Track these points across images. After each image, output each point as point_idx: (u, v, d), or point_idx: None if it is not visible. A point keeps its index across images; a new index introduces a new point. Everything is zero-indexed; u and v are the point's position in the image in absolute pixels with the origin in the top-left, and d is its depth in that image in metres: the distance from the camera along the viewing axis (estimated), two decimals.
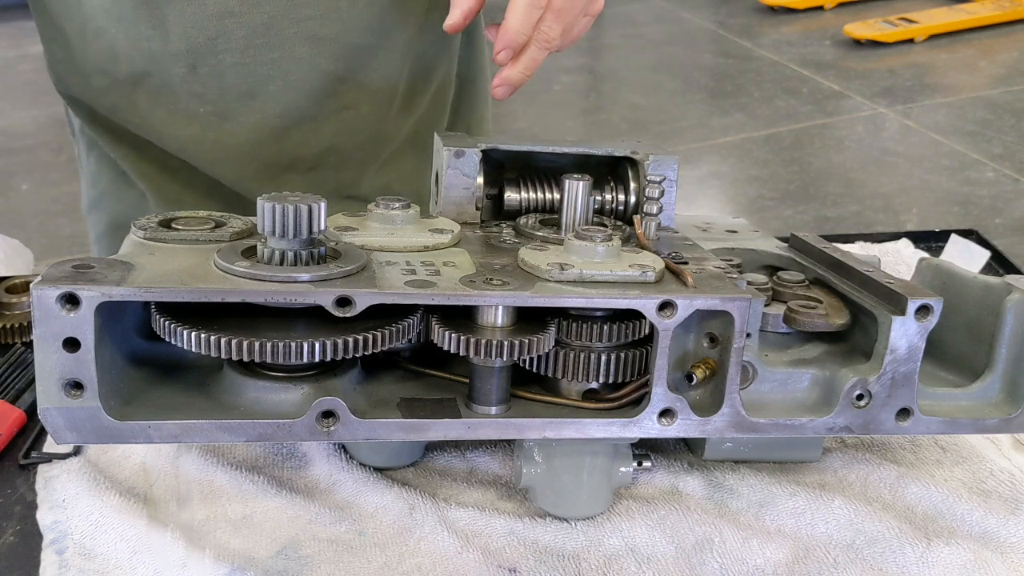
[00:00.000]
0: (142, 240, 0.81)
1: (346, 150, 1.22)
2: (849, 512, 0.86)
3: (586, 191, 0.89)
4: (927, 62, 5.55)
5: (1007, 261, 1.35)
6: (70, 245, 3.60)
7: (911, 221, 3.77)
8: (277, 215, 0.72)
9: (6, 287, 1.12)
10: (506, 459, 0.92)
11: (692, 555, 0.81)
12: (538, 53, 1.01)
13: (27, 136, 4.64)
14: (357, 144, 1.23)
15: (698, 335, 0.81)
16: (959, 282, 0.91)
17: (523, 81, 1.02)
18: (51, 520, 0.83)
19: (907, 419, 0.83)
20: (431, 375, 0.84)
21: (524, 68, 1.01)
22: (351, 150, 1.23)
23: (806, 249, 0.99)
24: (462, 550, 0.80)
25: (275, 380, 0.77)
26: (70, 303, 0.67)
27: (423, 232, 0.86)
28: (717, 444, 0.90)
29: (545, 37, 1.00)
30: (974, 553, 0.82)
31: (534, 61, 1.01)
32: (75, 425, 0.70)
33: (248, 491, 0.85)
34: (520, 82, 1.02)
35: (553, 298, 0.75)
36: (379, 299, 0.72)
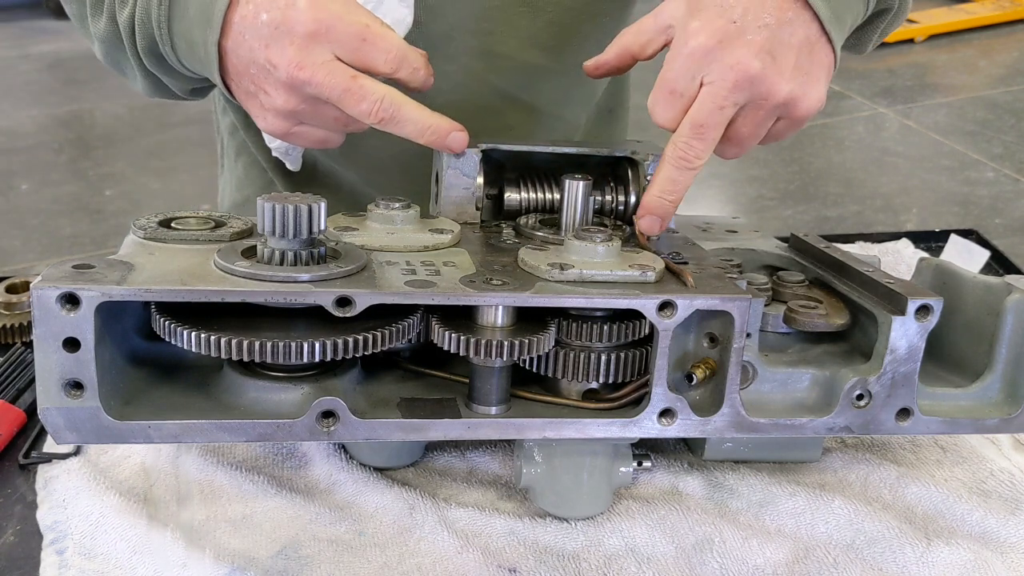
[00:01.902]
0: (142, 240, 0.81)
1: None
2: (849, 512, 0.86)
3: (586, 191, 0.89)
4: (927, 62, 5.55)
5: (1007, 261, 1.35)
6: (70, 245, 3.60)
7: (911, 221, 3.77)
8: (277, 215, 0.72)
9: (6, 287, 1.12)
10: (506, 459, 0.92)
11: (692, 555, 0.81)
12: (677, 174, 0.83)
13: (27, 136, 4.64)
14: None
15: (698, 335, 0.81)
16: (959, 282, 0.91)
17: (663, 207, 0.85)
18: (51, 520, 0.83)
19: (907, 419, 0.83)
20: (431, 375, 0.84)
21: (659, 191, 0.84)
22: None
23: (806, 249, 0.99)
24: (462, 550, 0.80)
25: (275, 380, 0.77)
26: (70, 303, 0.67)
27: (423, 232, 0.86)
28: (717, 444, 0.90)
29: (682, 156, 0.83)
30: (974, 553, 0.82)
31: (672, 182, 0.84)
32: (75, 425, 0.70)
33: (248, 491, 0.85)
34: (659, 208, 0.85)
35: (553, 298, 0.75)
36: (379, 299, 0.72)
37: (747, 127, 0.85)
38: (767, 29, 0.81)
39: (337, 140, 0.93)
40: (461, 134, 0.88)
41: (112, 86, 5.14)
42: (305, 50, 0.81)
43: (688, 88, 0.82)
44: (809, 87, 0.84)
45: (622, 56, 0.92)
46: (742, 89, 0.81)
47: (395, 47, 0.84)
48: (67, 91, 5.23)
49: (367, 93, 0.83)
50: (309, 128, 0.90)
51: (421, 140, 0.87)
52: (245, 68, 0.86)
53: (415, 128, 0.86)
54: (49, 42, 5.97)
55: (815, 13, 0.83)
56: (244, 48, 0.84)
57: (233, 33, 0.84)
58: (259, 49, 0.83)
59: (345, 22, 0.82)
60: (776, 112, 0.85)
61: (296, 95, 0.84)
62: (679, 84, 0.82)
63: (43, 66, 5.66)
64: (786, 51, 0.82)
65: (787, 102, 0.83)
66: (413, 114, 0.85)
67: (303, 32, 0.81)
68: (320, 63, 0.82)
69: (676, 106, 0.83)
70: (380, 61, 0.84)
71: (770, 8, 0.82)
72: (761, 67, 0.81)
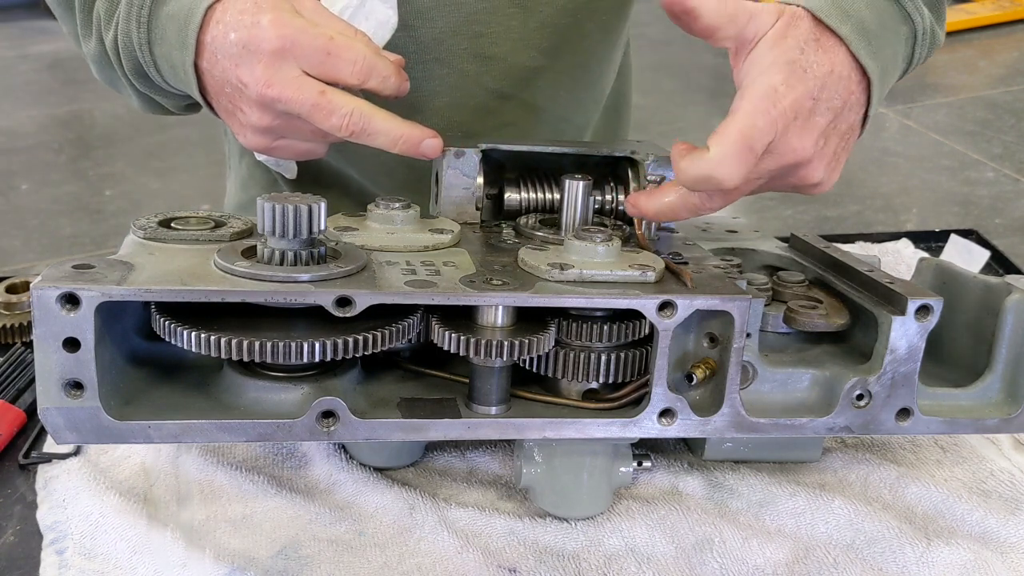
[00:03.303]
0: (142, 240, 0.81)
1: None
2: (849, 512, 0.86)
3: (586, 191, 0.89)
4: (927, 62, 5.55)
5: (1007, 261, 1.35)
6: (70, 245, 3.60)
7: (911, 221, 3.77)
8: (277, 215, 0.72)
9: (6, 287, 1.12)
10: (506, 459, 0.92)
11: (692, 555, 0.81)
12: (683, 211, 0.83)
13: (27, 136, 4.64)
14: None
15: (698, 335, 0.81)
16: (959, 282, 0.91)
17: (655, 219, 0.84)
18: (51, 520, 0.83)
19: (907, 419, 0.83)
20: (431, 375, 0.84)
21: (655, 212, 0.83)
22: None
23: (806, 249, 0.99)
24: (462, 550, 0.80)
25: (275, 380, 0.77)
26: (70, 303, 0.67)
27: (423, 232, 0.86)
28: (717, 444, 0.90)
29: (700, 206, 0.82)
30: (974, 553, 0.82)
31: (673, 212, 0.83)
32: (75, 425, 0.70)
33: (248, 491, 0.85)
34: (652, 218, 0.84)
35: (553, 298, 0.75)
36: (379, 299, 0.72)
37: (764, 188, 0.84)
38: (832, 112, 0.79)
39: (320, 151, 0.93)
40: (435, 141, 0.88)
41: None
42: (272, 67, 0.82)
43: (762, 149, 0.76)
44: (834, 173, 0.84)
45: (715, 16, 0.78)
46: (785, 170, 0.80)
47: (361, 57, 0.84)
48: (67, 91, 5.23)
49: (336, 107, 0.83)
50: (289, 142, 0.90)
51: (394, 150, 0.87)
52: (220, 88, 0.87)
53: (387, 139, 0.86)
54: (48, 42, 5.97)
55: (869, 97, 0.82)
56: (218, 68, 0.85)
57: (207, 54, 0.85)
58: (230, 69, 0.84)
59: (309, 36, 0.82)
60: (796, 188, 0.84)
61: (269, 112, 0.85)
62: (757, 144, 0.75)
63: (42, 66, 5.66)
64: (835, 138, 0.81)
65: (811, 185, 0.83)
66: (384, 125, 0.85)
67: (269, 50, 0.81)
68: (288, 79, 0.82)
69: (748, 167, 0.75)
70: (347, 72, 0.84)
71: (842, 91, 0.79)
72: (812, 154, 0.79)
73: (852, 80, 0.81)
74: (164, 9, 0.87)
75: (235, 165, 1.38)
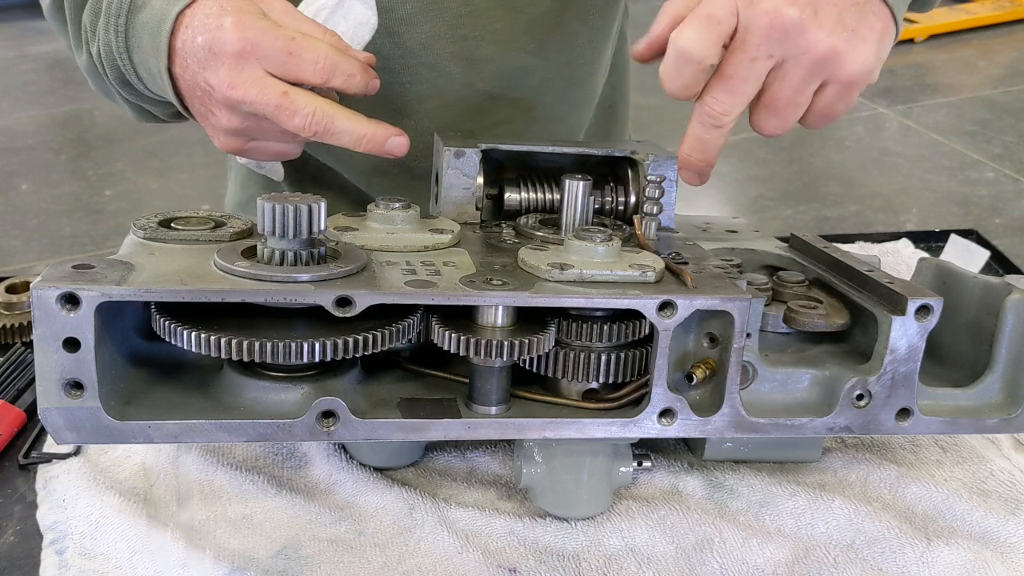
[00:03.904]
0: (142, 240, 0.81)
1: None
2: (849, 512, 0.86)
3: (586, 191, 0.89)
4: (927, 62, 5.55)
5: (1007, 261, 1.35)
6: (70, 245, 3.60)
7: (911, 221, 3.77)
8: (277, 215, 0.72)
9: (6, 287, 1.12)
10: (506, 459, 0.92)
11: (692, 555, 0.81)
12: (704, 132, 0.78)
13: (27, 136, 4.64)
14: None
15: (698, 335, 0.81)
16: (959, 282, 0.91)
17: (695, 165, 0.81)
18: (51, 520, 0.83)
19: (907, 419, 0.83)
20: (431, 375, 0.84)
21: (689, 149, 0.80)
22: None
23: (806, 249, 0.99)
24: (462, 550, 0.80)
25: (275, 380, 0.77)
26: (70, 303, 0.67)
27: (423, 232, 0.86)
28: (717, 444, 0.90)
29: (708, 111, 0.78)
30: (974, 553, 0.82)
31: (700, 141, 0.79)
32: (75, 425, 0.70)
33: (248, 491, 0.85)
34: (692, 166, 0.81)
35: (553, 298, 0.75)
36: (379, 299, 0.72)
37: (786, 90, 0.78)
38: None
39: (294, 151, 0.94)
40: (400, 139, 0.88)
41: None
42: (236, 69, 0.83)
43: (728, 20, 0.74)
44: (855, 44, 0.75)
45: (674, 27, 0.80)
46: (776, 40, 0.74)
47: (323, 56, 0.84)
48: (66, 91, 5.23)
49: (298, 107, 0.83)
50: (261, 143, 0.91)
51: (359, 149, 0.87)
52: (192, 92, 0.88)
53: (351, 138, 0.86)
54: (48, 42, 5.97)
55: None
56: (188, 72, 0.86)
57: (178, 59, 0.86)
58: (199, 72, 0.85)
59: (271, 37, 0.83)
60: (818, 72, 0.76)
61: (236, 114, 0.86)
62: (718, 11, 0.73)
63: (42, 66, 5.66)
64: (829, 5, 0.74)
65: (828, 57, 0.75)
66: (346, 124, 0.85)
67: (231, 52, 0.82)
68: (251, 81, 0.83)
69: (713, 33, 0.73)
70: (309, 72, 0.84)
71: None
72: (799, 16, 0.73)
73: None
74: (139, 17, 0.88)
75: (235, 164, 1.38)
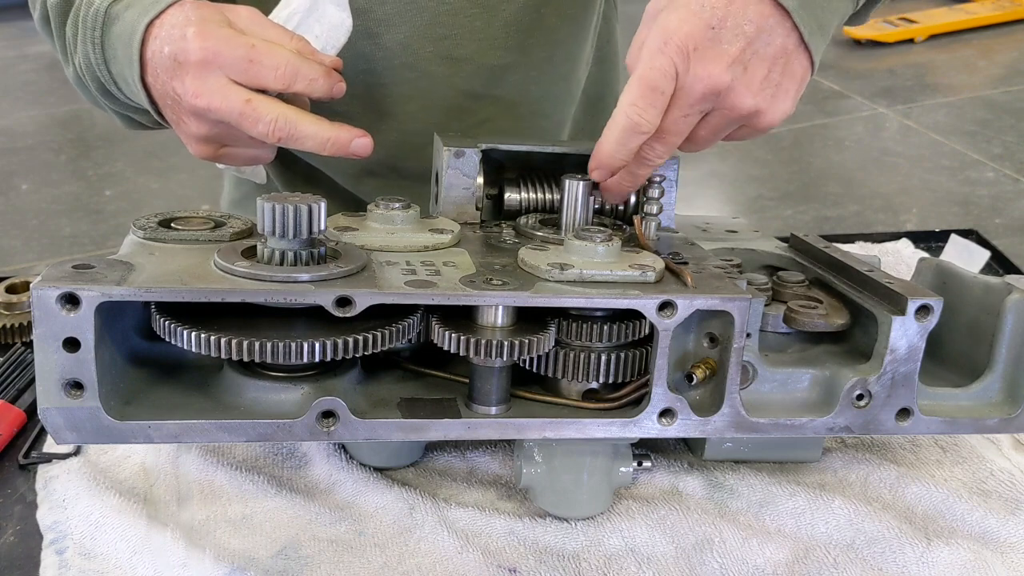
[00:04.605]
0: (142, 240, 0.81)
1: None
2: (849, 512, 0.86)
3: (586, 191, 0.89)
4: (927, 62, 5.55)
5: (1007, 261, 1.35)
6: (70, 245, 3.60)
7: (911, 221, 3.77)
8: (277, 215, 0.72)
9: (6, 287, 1.12)
10: (506, 459, 0.92)
11: (692, 555, 0.81)
12: (640, 170, 0.86)
13: (27, 136, 4.64)
14: None
15: (698, 335, 0.81)
16: (959, 282, 0.91)
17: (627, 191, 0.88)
18: (51, 520, 0.83)
19: (907, 419, 0.83)
20: (431, 375, 0.84)
21: (626, 182, 0.87)
22: None
23: (806, 249, 0.99)
24: (462, 550, 0.80)
25: (275, 380, 0.77)
26: (70, 303, 0.67)
27: (423, 232, 0.86)
28: (717, 444, 0.90)
29: (647, 158, 0.84)
30: (974, 553, 0.82)
31: (637, 176, 0.86)
32: (75, 425, 0.70)
33: (248, 491, 0.85)
34: (622, 191, 0.88)
35: (553, 298, 0.75)
36: (379, 299, 0.72)
37: (706, 131, 0.85)
38: (744, 38, 0.79)
39: (266, 156, 0.95)
40: (364, 140, 0.89)
41: None
42: (199, 78, 0.84)
43: (668, 88, 0.79)
44: (776, 101, 0.82)
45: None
46: (708, 100, 0.80)
47: (283, 63, 0.85)
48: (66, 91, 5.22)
49: (261, 114, 0.84)
50: (233, 149, 0.92)
51: (324, 152, 0.88)
52: (164, 100, 0.89)
53: (315, 142, 0.87)
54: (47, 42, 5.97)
55: (795, 23, 0.81)
56: (159, 82, 0.87)
57: (149, 69, 0.87)
58: (167, 81, 0.86)
59: (232, 45, 0.84)
60: (739, 122, 0.84)
61: (204, 122, 0.87)
62: (660, 82, 0.79)
63: (42, 66, 5.66)
64: (759, 63, 0.80)
65: (752, 114, 0.82)
66: (310, 129, 0.86)
67: (194, 60, 0.83)
68: (214, 89, 0.84)
69: (658, 106, 0.80)
70: (270, 79, 0.85)
71: (751, 15, 0.79)
72: (731, 80, 0.79)
73: (764, 4, 0.80)
74: (113, 29, 0.89)
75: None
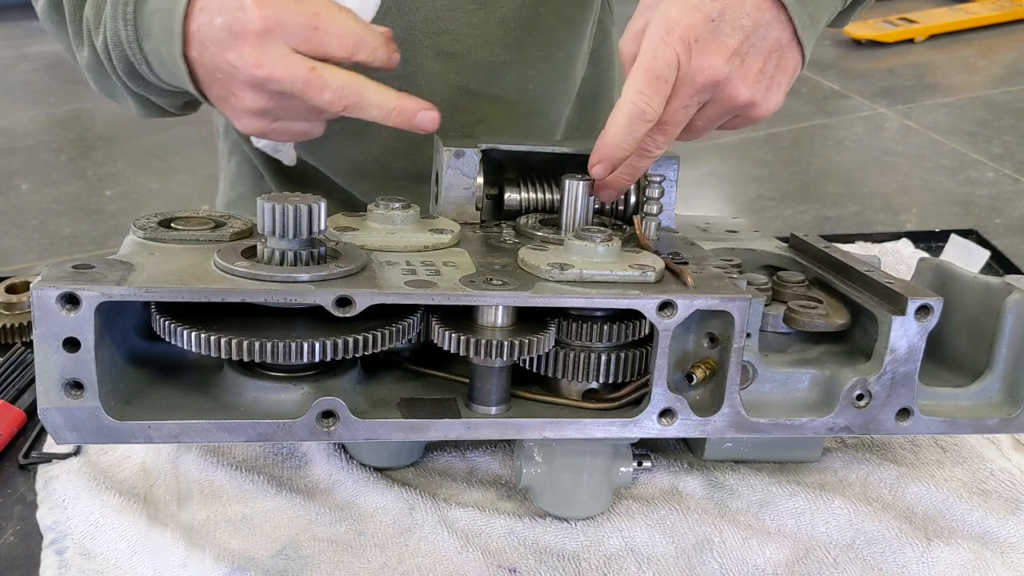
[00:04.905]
0: (142, 240, 0.81)
1: None
2: (849, 512, 0.86)
3: (586, 191, 0.89)
4: (927, 62, 5.55)
5: (1007, 261, 1.35)
6: (70, 245, 3.60)
7: (911, 221, 3.77)
8: (277, 215, 0.72)
9: (6, 287, 1.12)
10: (506, 459, 0.92)
11: (692, 555, 0.81)
12: (640, 163, 0.87)
13: (27, 136, 4.64)
14: None
15: (698, 335, 0.81)
16: (959, 282, 0.91)
17: (625, 185, 0.90)
18: (51, 520, 0.83)
19: (907, 419, 0.83)
20: (431, 375, 0.84)
21: (625, 175, 0.88)
22: None
23: (806, 249, 0.99)
24: (462, 550, 0.80)
25: (275, 380, 0.77)
26: (70, 303, 0.67)
27: (423, 232, 0.86)
28: (717, 444, 0.90)
29: (647, 149, 0.86)
30: (974, 553, 0.82)
31: (636, 169, 0.88)
32: (75, 425, 0.70)
33: (248, 491, 0.85)
34: (621, 186, 0.90)
35: (553, 298, 0.75)
36: (379, 299, 0.72)
37: (703, 120, 0.87)
38: (742, 32, 0.81)
39: (317, 130, 0.93)
40: (431, 113, 0.87)
41: None
42: (260, 48, 0.81)
43: (671, 76, 0.81)
44: (770, 93, 0.85)
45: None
46: (707, 91, 0.82)
47: (349, 30, 0.84)
48: (66, 91, 5.23)
49: (327, 82, 0.82)
50: (285, 123, 0.90)
51: (389, 122, 0.86)
52: (212, 75, 0.86)
53: (380, 111, 0.85)
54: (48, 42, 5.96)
55: (790, 17, 0.83)
56: (207, 55, 0.85)
57: (194, 43, 0.85)
58: (219, 54, 0.84)
59: (293, 13, 0.82)
60: (734, 112, 0.86)
61: (262, 93, 0.84)
62: (663, 70, 0.80)
63: (42, 66, 5.66)
64: (755, 56, 0.83)
65: (746, 105, 0.84)
66: (376, 97, 0.84)
67: (254, 30, 0.81)
68: (277, 58, 0.82)
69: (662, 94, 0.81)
70: (335, 46, 0.83)
71: (749, 9, 0.81)
72: (728, 72, 0.81)
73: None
74: (148, 5, 0.88)
75: (224, 164, 1.39)
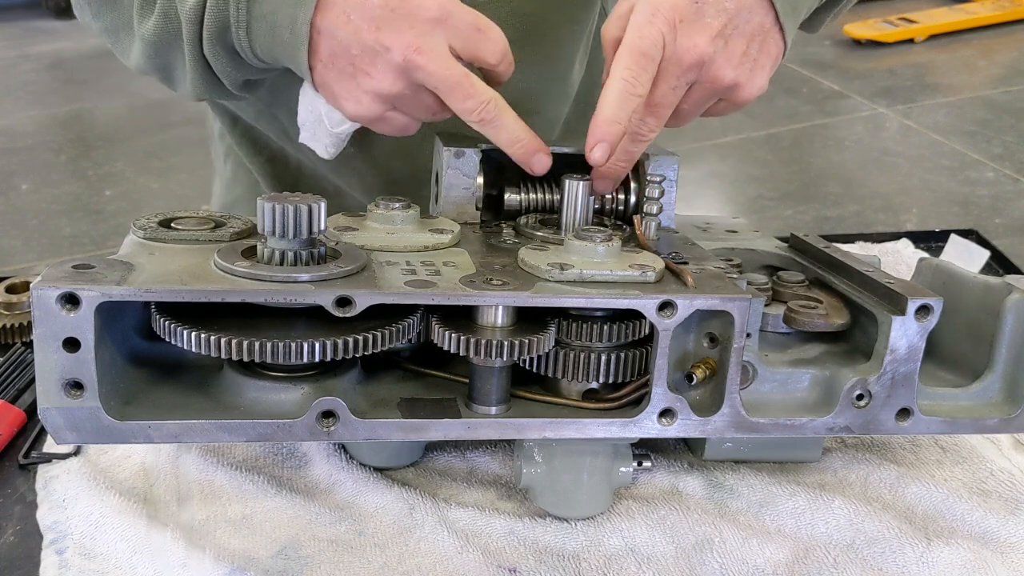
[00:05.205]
0: (142, 240, 0.81)
1: None
2: (849, 512, 0.86)
3: (586, 191, 0.89)
4: (927, 62, 5.55)
5: (1007, 261, 1.35)
6: (70, 245, 3.60)
7: (911, 221, 3.77)
8: (277, 215, 0.72)
9: (6, 287, 1.12)
10: (506, 459, 0.92)
11: (692, 555, 0.81)
12: (634, 147, 0.87)
13: (27, 136, 4.64)
14: None
15: (698, 335, 0.81)
16: (959, 282, 0.91)
17: (621, 172, 0.89)
18: (51, 520, 0.83)
19: (907, 419, 0.83)
20: (431, 375, 0.84)
21: (621, 161, 0.88)
22: None
23: (806, 249, 0.99)
24: (462, 550, 0.80)
25: (275, 380, 0.77)
26: (70, 303, 0.67)
27: (423, 232, 0.86)
28: (717, 444, 0.90)
29: (640, 133, 0.86)
30: (974, 553, 0.82)
31: (631, 155, 0.88)
32: (75, 425, 0.70)
33: (248, 491, 0.85)
34: (617, 174, 0.90)
35: (553, 298, 0.75)
36: (379, 299, 0.72)
37: (689, 104, 0.88)
38: (725, 14, 0.83)
39: (414, 129, 0.92)
40: (546, 157, 0.88)
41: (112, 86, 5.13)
42: (425, 35, 0.81)
43: (657, 55, 0.82)
44: (754, 75, 0.87)
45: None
46: (693, 71, 0.84)
47: (503, 40, 0.86)
48: (67, 91, 5.23)
49: (476, 92, 0.83)
50: (398, 114, 0.89)
51: (508, 150, 0.87)
52: (345, 49, 0.83)
53: (508, 136, 0.86)
54: (49, 42, 5.97)
55: (772, 2, 0.85)
56: (348, 28, 0.82)
57: (332, 13, 0.82)
58: (368, 31, 0.82)
59: (462, 10, 0.83)
60: (718, 95, 0.88)
61: (404, 79, 0.83)
62: (650, 49, 0.82)
63: (43, 66, 5.66)
64: (739, 38, 0.85)
65: (731, 87, 0.86)
66: (512, 123, 0.86)
67: (426, 17, 0.81)
68: (439, 52, 0.82)
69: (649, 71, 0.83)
70: (489, 52, 0.85)
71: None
72: (713, 52, 0.83)
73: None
74: None
75: (220, 167, 1.38)
